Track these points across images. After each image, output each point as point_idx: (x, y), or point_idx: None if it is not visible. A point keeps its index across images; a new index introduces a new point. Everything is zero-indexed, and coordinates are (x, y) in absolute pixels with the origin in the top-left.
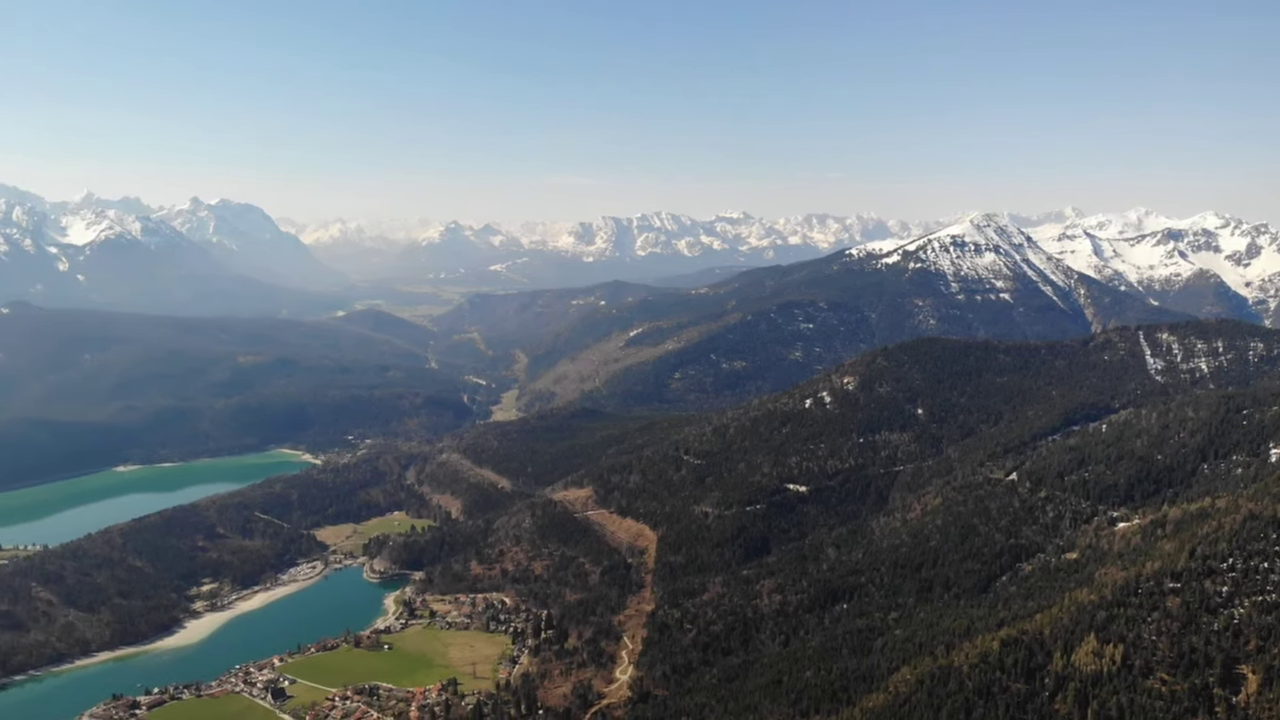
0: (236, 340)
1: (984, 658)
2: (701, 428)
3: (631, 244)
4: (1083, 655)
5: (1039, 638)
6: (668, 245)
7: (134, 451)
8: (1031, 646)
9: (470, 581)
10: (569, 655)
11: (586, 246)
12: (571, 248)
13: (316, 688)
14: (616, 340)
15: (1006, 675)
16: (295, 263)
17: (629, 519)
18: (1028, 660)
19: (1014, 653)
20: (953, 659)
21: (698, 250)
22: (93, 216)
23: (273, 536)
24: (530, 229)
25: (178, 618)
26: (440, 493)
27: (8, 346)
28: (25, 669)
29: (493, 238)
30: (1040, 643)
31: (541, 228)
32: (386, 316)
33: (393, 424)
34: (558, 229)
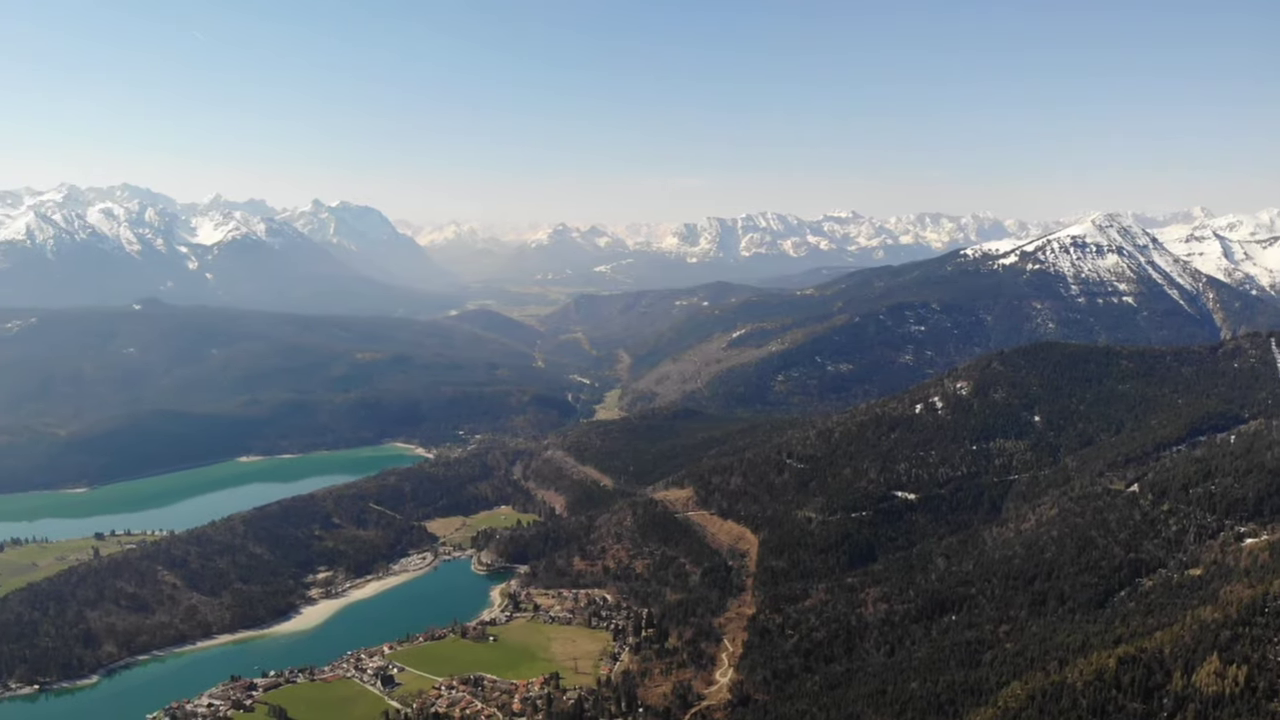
0: (355, 337)
1: (1099, 675)
2: (805, 431)
3: (736, 245)
4: (1204, 676)
5: (1158, 656)
6: (773, 246)
7: (256, 443)
8: (1150, 665)
9: (573, 577)
10: (669, 655)
11: (690, 247)
12: (676, 249)
13: (424, 676)
14: (719, 341)
15: (1123, 694)
16: (411, 263)
17: (730, 521)
18: (1145, 679)
19: (1131, 671)
20: (1066, 675)
21: (804, 250)
22: (220, 218)
23: (385, 527)
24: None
25: (294, 604)
26: (545, 488)
27: (140, 342)
28: (149, 649)
29: (599, 239)
30: (1159, 661)
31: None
32: (496, 316)
33: (501, 420)
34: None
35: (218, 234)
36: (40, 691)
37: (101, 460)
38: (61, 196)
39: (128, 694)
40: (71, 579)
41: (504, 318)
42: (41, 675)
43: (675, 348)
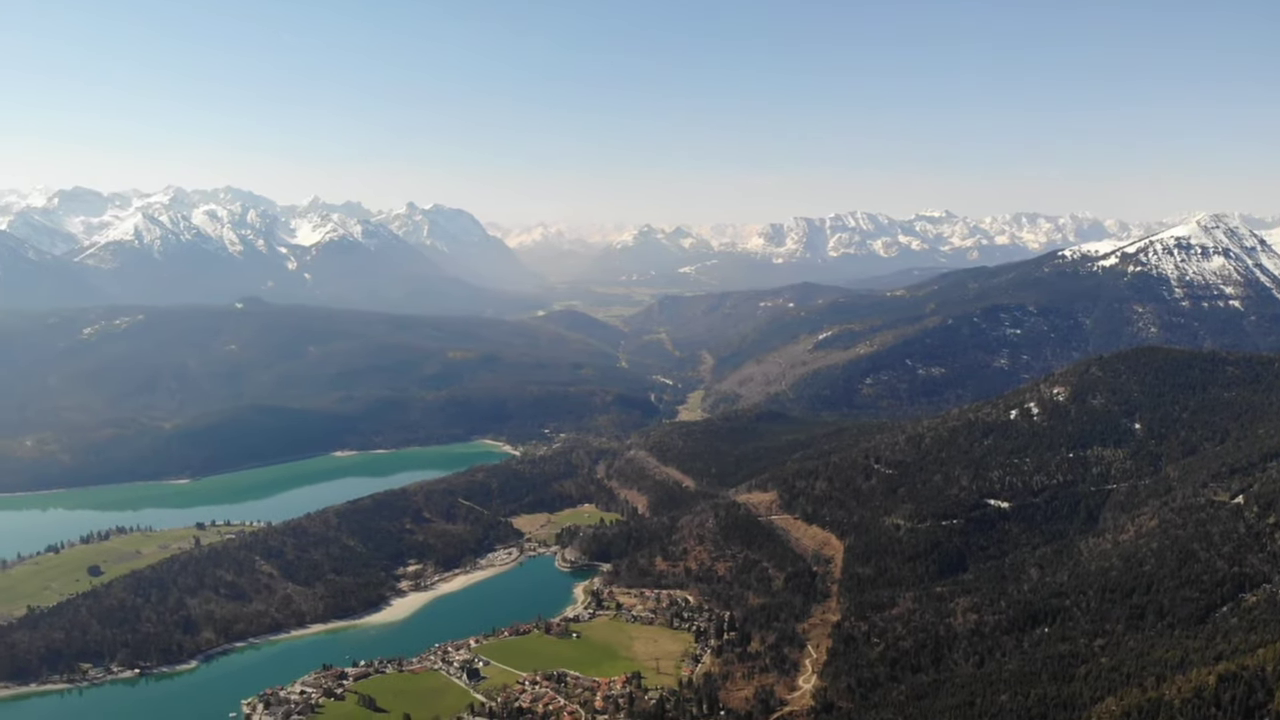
0: (446, 337)
1: (1198, 692)
2: (894, 436)
3: (824, 245)
4: None
5: (1260, 674)
6: (862, 246)
7: (351, 438)
8: (1251, 683)
9: (655, 577)
10: (751, 659)
11: (776, 248)
12: (761, 249)
13: (508, 670)
14: (805, 343)
15: (1222, 712)
16: (500, 265)
17: (814, 526)
18: (1246, 697)
19: (1232, 689)
20: (1163, 692)
21: (895, 251)
22: (318, 219)
23: (473, 522)
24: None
25: (385, 595)
26: (628, 488)
27: (241, 339)
28: (246, 636)
29: (683, 240)
30: (1261, 680)
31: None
32: (581, 316)
33: (585, 419)
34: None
35: (316, 235)
36: (141, 675)
37: (204, 453)
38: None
39: (224, 680)
40: (173, 567)
41: (589, 318)
42: (142, 660)
43: (759, 349)
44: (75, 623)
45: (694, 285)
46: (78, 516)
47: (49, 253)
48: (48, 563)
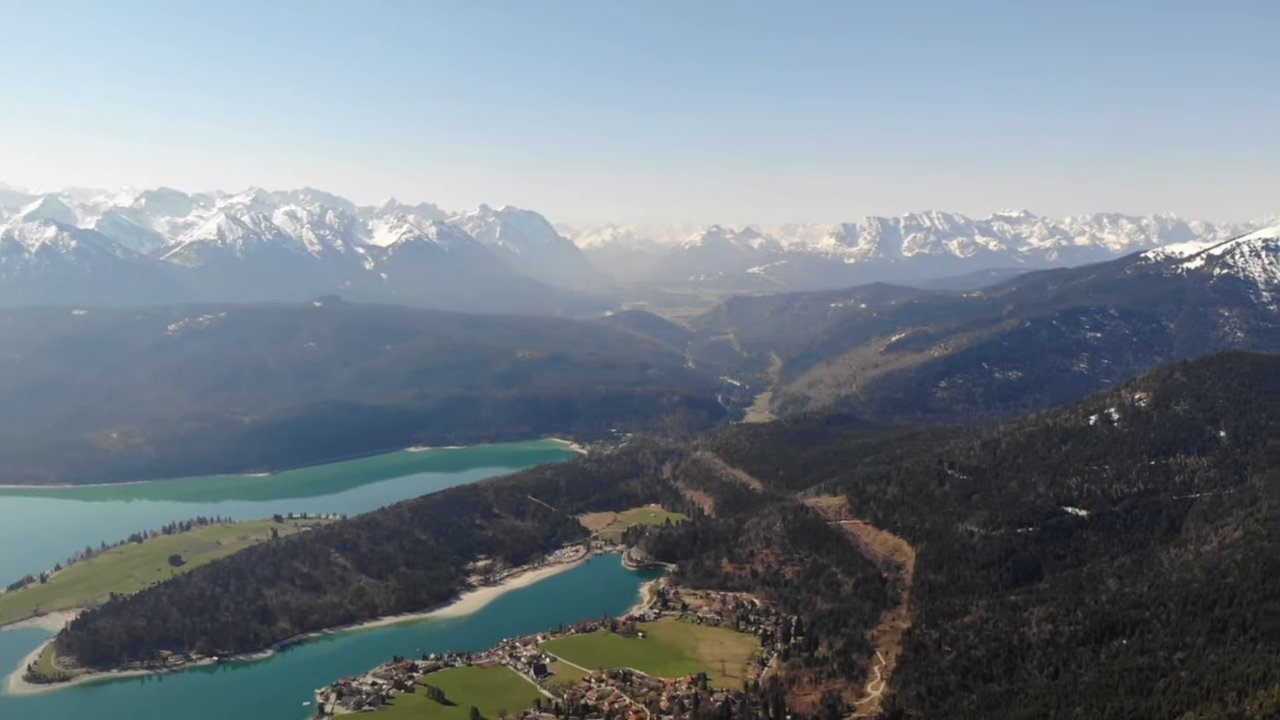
0: (516, 336)
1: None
2: (969, 441)
3: (897, 245)
4: None
5: None
6: (937, 246)
7: (424, 434)
8: None
9: (721, 579)
10: (819, 664)
11: (848, 248)
12: (832, 249)
13: (574, 667)
14: (877, 345)
15: None
16: (569, 265)
17: (885, 531)
18: None
19: None
20: (1244, 707)
21: (971, 251)
22: (395, 220)
23: (541, 519)
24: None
25: (455, 589)
26: (694, 489)
27: (320, 337)
28: (320, 627)
29: (752, 240)
30: None
31: (802, 230)
32: (649, 317)
33: (651, 419)
34: (818, 230)
35: (392, 236)
36: (219, 663)
37: (282, 447)
38: (250, 199)
39: (298, 669)
40: (251, 558)
41: (656, 319)
42: (220, 648)
43: (829, 351)
44: (156, 611)
45: (763, 286)
46: (160, 507)
47: (136, 252)
48: (131, 552)
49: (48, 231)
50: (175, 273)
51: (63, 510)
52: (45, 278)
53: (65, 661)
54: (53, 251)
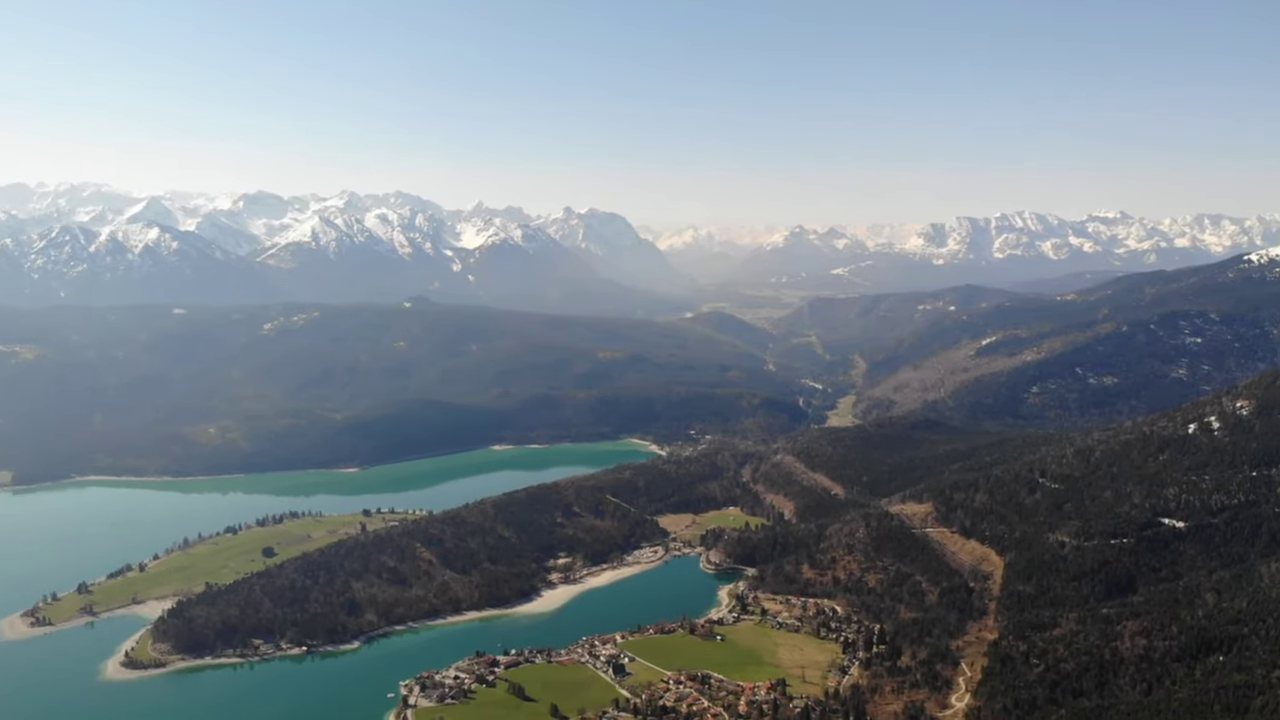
0: (597, 337)
1: None
2: (1061, 448)
3: (988, 246)
4: None
5: None
6: (1030, 247)
7: (507, 433)
8: None
9: (801, 584)
10: (901, 673)
11: (937, 249)
12: (920, 250)
13: (652, 668)
14: (966, 348)
15: None
16: (650, 267)
17: (972, 540)
18: None
19: None
20: None
21: (1065, 253)
22: (482, 223)
23: (620, 519)
24: (877, 231)
25: (535, 586)
26: (773, 492)
27: (409, 336)
28: (405, 620)
29: (836, 241)
30: None
31: (889, 230)
32: (729, 318)
33: (731, 422)
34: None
35: (479, 239)
36: (308, 653)
37: (371, 443)
38: (343, 202)
39: (384, 661)
40: (340, 551)
41: (737, 320)
42: (310, 638)
43: (916, 354)
44: (249, 600)
45: (847, 287)
46: (255, 500)
47: (234, 253)
48: (226, 543)
49: (150, 233)
50: (271, 273)
51: (162, 502)
52: (147, 277)
53: (161, 648)
54: (155, 252)
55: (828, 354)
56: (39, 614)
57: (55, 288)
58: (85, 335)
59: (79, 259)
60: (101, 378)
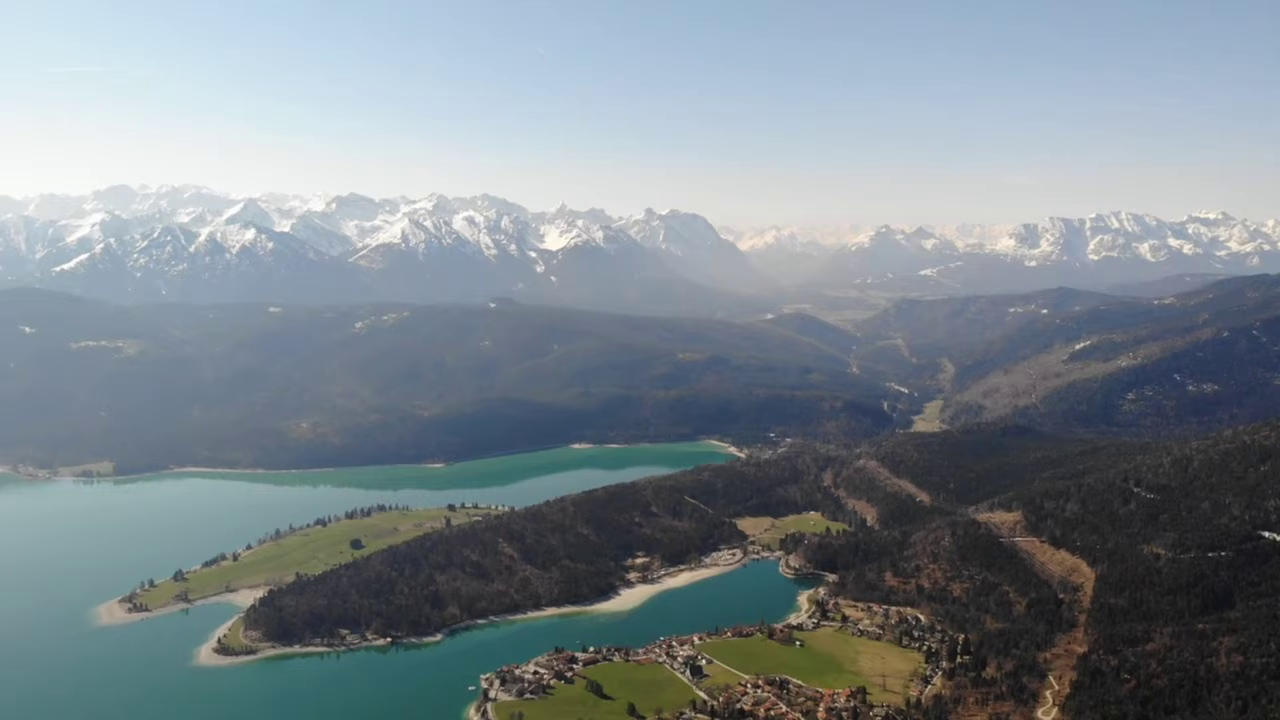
0: (677, 338)
1: None
2: (1158, 457)
3: (1082, 247)
4: None
5: None
6: (1126, 249)
7: (587, 431)
8: None
9: (884, 592)
10: (986, 685)
11: (1029, 250)
12: (1012, 251)
13: (730, 671)
14: (1059, 353)
15: None
16: (731, 268)
17: (1062, 551)
18: None
19: None
20: None
21: (1163, 255)
22: (565, 225)
23: (698, 520)
24: (966, 232)
25: (613, 584)
26: (856, 498)
27: (494, 336)
28: (487, 614)
29: (925, 241)
30: None
31: (979, 230)
32: (811, 320)
33: (812, 425)
34: (996, 231)
35: (562, 240)
36: (392, 644)
37: (456, 440)
38: (431, 205)
39: (465, 654)
40: (426, 544)
41: (819, 322)
42: (394, 629)
43: (1007, 358)
44: (337, 591)
45: (935, 289)
46: (344, 494)
47: (326, 253)
48: (316, 535)
49: (247, 234)
50: (362, 273)
51: (255, 493)
52: (244, 276)
53: (252, 635)
54: (251, 253)
55: (914, 357)
56: (137, 600)
57: (157, 286)
58: (185, 332)
59: (179, 258)
60: (200, 373)
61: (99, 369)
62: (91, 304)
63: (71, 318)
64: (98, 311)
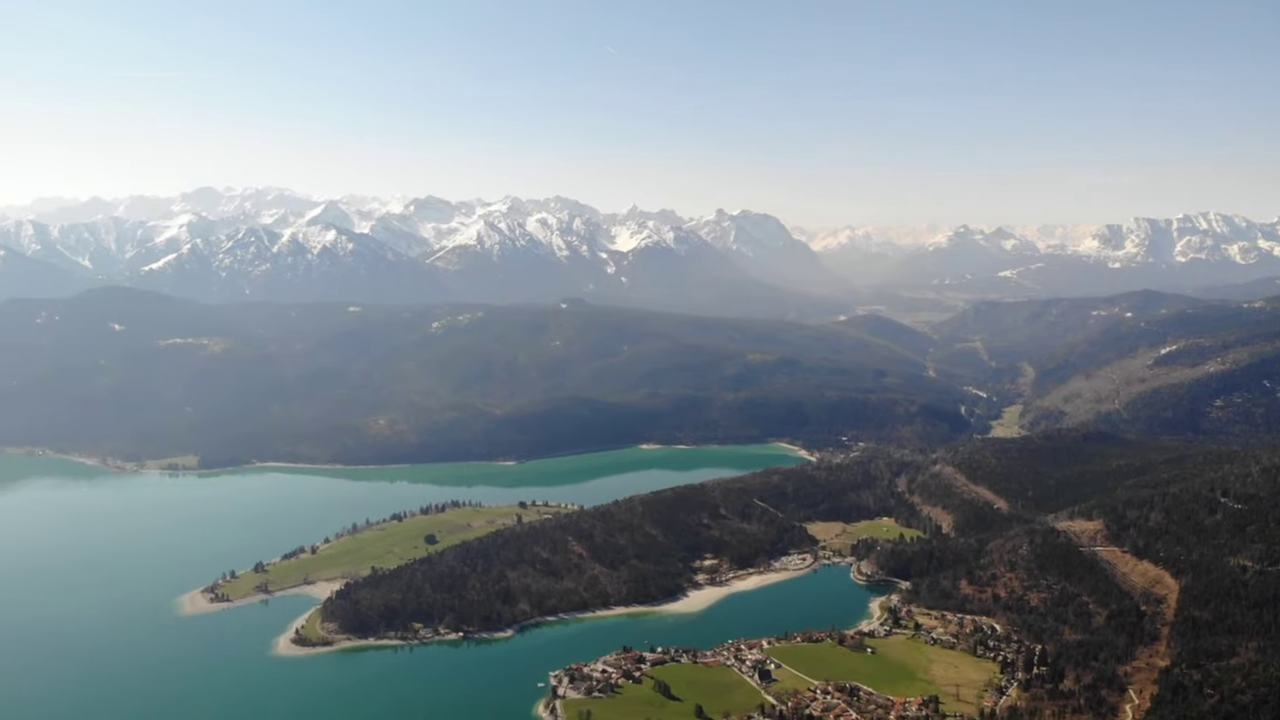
0: (747, 339)
1: None
2: (1246, 466)
3: (1169, 249)
4: None
5: None
6: (1215, 251)
7: (655, 432)
8: None
9: (958, 600)
10: (1063, 697)
11: (1113, 251)
12: (1095, 252)
13: (799, 676)
14: (1143, 357)
15: None
16: (803, 268)
17: (1145, 561)
18: None
19: None
20: None
21: (1254, 257)
22: (635, 226)
23: (767, 524)
24: (1048, 232)
25: (681, 586)
26: (930, 504)
27: (565, 337)
28: (556, 611)
29: (1004, 242)
30: None
31: (1061, 231)
32: (886, 322)
33: (886, 429)
34: (1079, 232)
35: (633, 242)
36: (464, 639)
37: (528, 438)
38: (506, 207)
39: (535, 650)
40: (497, 541)
41: (894, 324)
42: (466, 624)
43: (1089, 362)
44: (411, 585)
45: (1015, 290)
46: (419, 489)
47: (404, 254)
48: (392, 529)
49: (328, 235)
50: (438, 274)
51: (333, 488)
52: (325, 276)
53: (329, 627)
54: (332, 253)
55: (993, 361)
56: (218, 590)
57: (241, 285)
58: (268, 330)
59: (263, 259)
60: (281, 370)
61: (185, 366)
62: (178, 303)
63: (159, 316)
64: (184, 310)
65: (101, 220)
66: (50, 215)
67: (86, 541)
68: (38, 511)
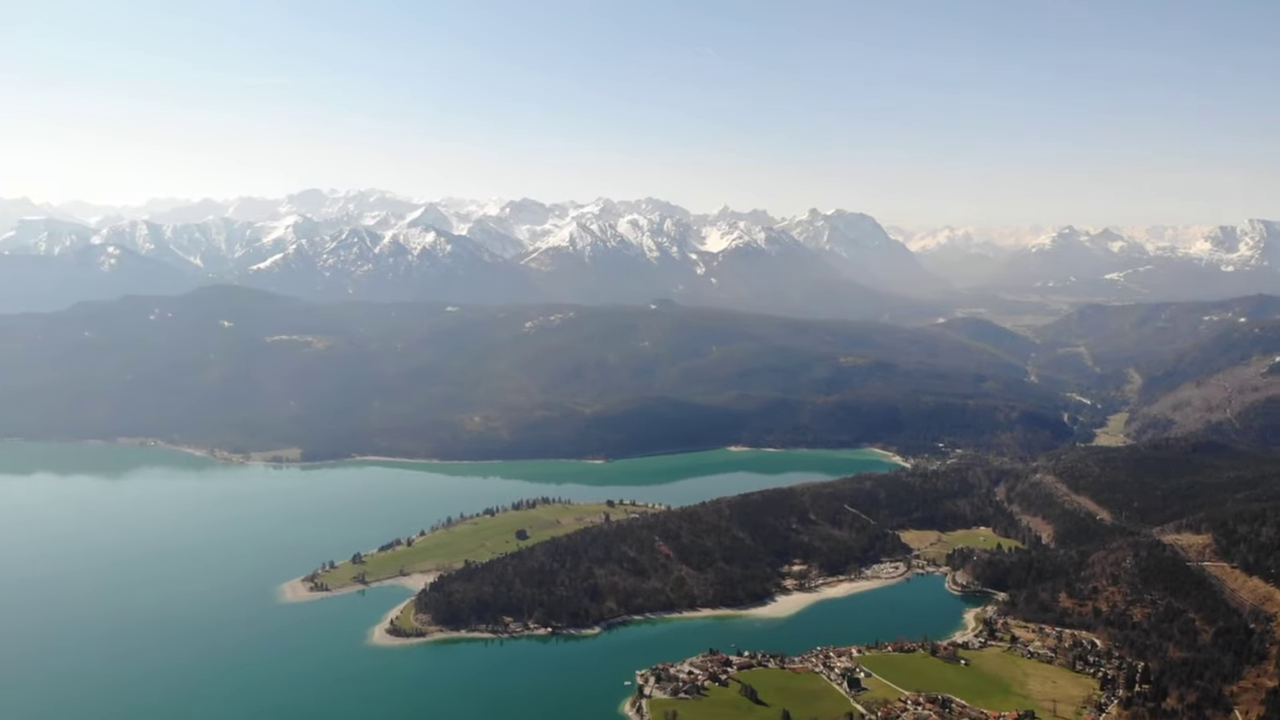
0: (839, 342)
1: None
2: None
3: None
4: None
5: None
6: None
7: (744, 434)
8: None
9: (1057, 614)
10: (1166, 716)
11: (1226, 254)
12: (1207, 255)
13: (889, 686)
14: (1258, 365)
15: None
16: (900, 269)
17: (1255, 578)
18: None
19: None
20: None
21: None
22: (726, 227)
23: (859, 530)
24: (1157, 234)
25: (769, 590)
26: (1030, 514)
27: (654, 337)
28: (643, 611)
29: (1111, 244)
30: None
31: (1171, 233)
32: (986, 325)
33: (984, 436)
34: (1190, 234)
35: (723, 242)
36: (552, 634)
37: (616, 437)
38: (598, 209)
39: (622, 648)
40: (586, 538)
41: (995, 327)
42: (555, 620)
43: (1200, 370)
44: (502, 579)
45: (1122, 294)
46: (511, 485)
47: (500, 256)
48: (484, 524)
49: (427, 237)
50: (532, 275)
51: (429, 482)
52: (424, 276)
53: (422, 619)
54: (431, 254)
55: (1098, 366)
56: (318, 580)
57: (344, 285)
58: (369, 328)
59: (365, 259)
60: (382, 367)
61: (290, 362)
62: (284, 301)
63: (266, 314)
64: (290, 308)
65: (212, 221)
66: (164, 216)
67: (195, 530)
68: (149, 500)
